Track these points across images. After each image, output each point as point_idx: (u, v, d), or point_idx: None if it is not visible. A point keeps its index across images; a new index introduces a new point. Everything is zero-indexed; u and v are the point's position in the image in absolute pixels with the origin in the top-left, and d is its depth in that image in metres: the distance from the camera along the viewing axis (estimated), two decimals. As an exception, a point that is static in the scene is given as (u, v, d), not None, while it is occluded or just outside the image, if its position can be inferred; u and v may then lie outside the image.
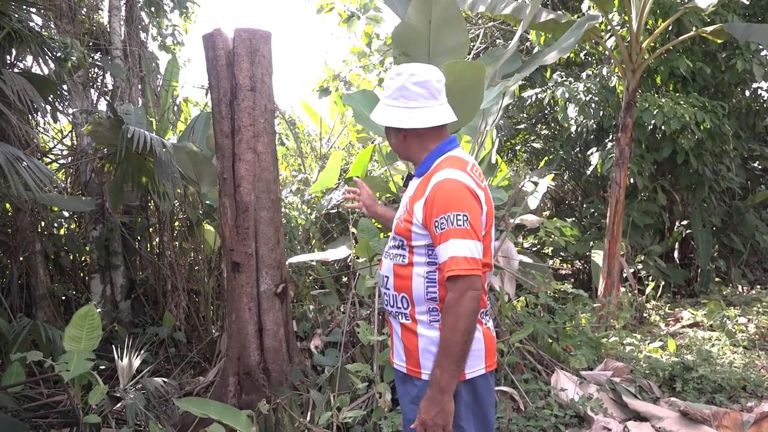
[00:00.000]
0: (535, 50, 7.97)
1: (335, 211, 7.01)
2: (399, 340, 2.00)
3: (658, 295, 7.72)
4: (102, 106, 6.28)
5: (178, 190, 5.16)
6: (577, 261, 9.38)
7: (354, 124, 7.06)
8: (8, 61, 4.91)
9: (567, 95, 7.56)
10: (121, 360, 3.87)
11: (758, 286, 8.14)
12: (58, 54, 4.71)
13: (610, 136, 8.31)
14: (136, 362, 3.97)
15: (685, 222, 8.62)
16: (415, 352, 1.92)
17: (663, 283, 7.85)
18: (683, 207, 8.65)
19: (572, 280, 9.09)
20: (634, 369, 4.46)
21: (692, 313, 6.65)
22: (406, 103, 1.92)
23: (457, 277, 1.75)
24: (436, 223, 1.80)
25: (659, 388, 4.32)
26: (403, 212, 1.96)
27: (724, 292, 7.76)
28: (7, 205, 5.33)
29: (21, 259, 5.30)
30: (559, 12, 6.63)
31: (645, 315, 6.89)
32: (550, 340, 4.60)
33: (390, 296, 1.99)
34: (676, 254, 8.93)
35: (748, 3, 7.48)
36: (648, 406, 3.81)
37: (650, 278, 7.72)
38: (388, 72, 2.01)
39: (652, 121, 6.98)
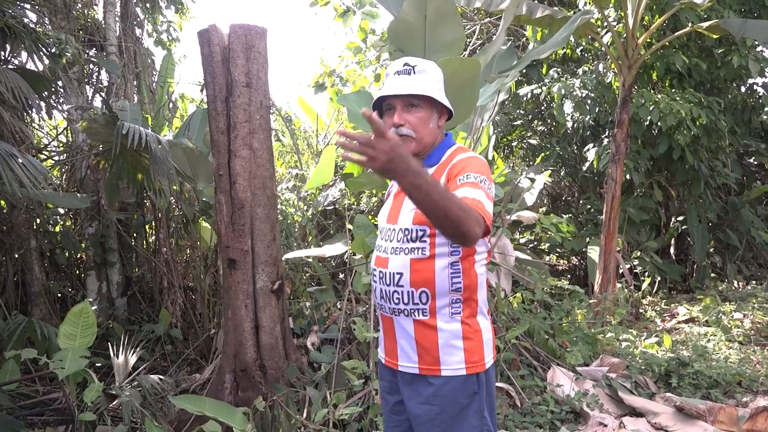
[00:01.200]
0: (530, 46, 7.97)
1: (332, 207, 7.00)
2: (411, 339, 1.89)
3: (654, 290, 7.75)
4: (97, 102, 6.25)
5: (174, 187, 5.15)
6: (574, 257, 9.40)
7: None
8: (2, 57, 4.89)
9: (563, 91, 7.56)
10: (117, 357, 3.86)
11: (754, 282, 8.17)
12: (53, 50, 4.69)
13: (606, 132, 8.32)
14: (132, 359, 3.96)
15: (681, 218, 8.64)
16: (432, 349, 1.85)
17: (659, 278, 7.87)
18: (679, 203, 8.66)
19: (568, 276, 9.10)
20: (630, 365, 4.47)
21: (688, 309, 6.67)
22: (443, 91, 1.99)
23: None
24: (464, 176, 1.75)
25: (655, 383, 4.33)
26: None
27: (719, 288, 7.79)
28: (2, 202, 5.30)
29: (16, 256, 5.28)
30: (555, 8, 6.61)
31: (641, 311, 6.91)
32: (547, 337, 4.61)
33: (403, 293, 1.87)
34: (672, 250, 8.95)
35: (743, -1, 7.49)
36: (644, 402, 3.83)
37: (646, 274, 7.73)
38: (426, 62, 1.94)
39: (648, 117, 6.98)
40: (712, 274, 8.55)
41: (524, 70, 8.69)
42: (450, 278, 1.83)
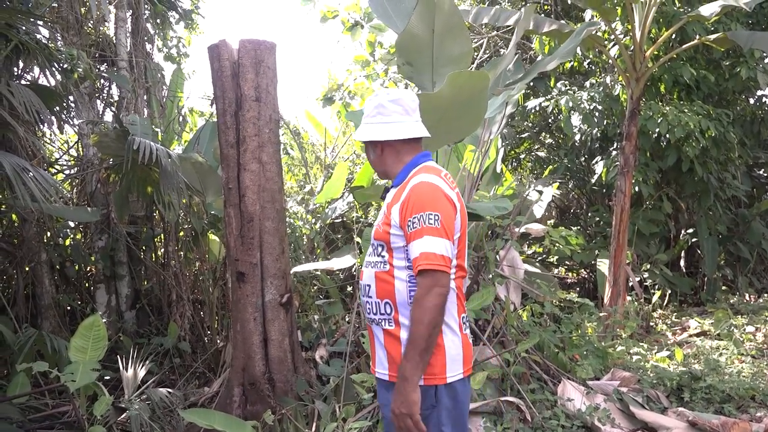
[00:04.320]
0: (538, 59, 7.99)
1: (340, 220, 7.01)
2: (382, 348, 2.05)
3: (664, 303, 7.68)
4: (108, 116, 6.32)
5: (183, 201, 5.18)
6: (583, 270, 9.34)
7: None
8: (15, 73, 4.95)
9: (571, 104, 7.56)
10: (126, 370, 3.87)
11: (765, 295, 8.07)
12: (65, 65, 4.75)
13: (615, 145, 8.30)
14: (141, 373, 3.96)
15: (690, 230, 8.58)
16: (398, 359, 1.96)
17: (669, 291, 7.80)
18: (689, 215, 8.61)
19: (578, 289, 9.05)
20: (642, 379, 4.42)
21: (699, 322, 6.61)
22: (382, 119, 2.07)
23: (427, 271, 1.84)
24: (410, 222, 1.90)
25: (667, 398, 4.28)
26: (382, 218, 2.05)
27: (731, 301, 7.71)
28: (14, 216, 5.35)
29: (27, 269, 5.32)
30: (562, 22, 6.64)
31: (651, 324, 6.85)
32: (557, 350, 4.57)
33: (372, 304, 2.05)
34: (682, 263, 8.88)
35: (751, 11, 7.49)
36: (656, 417, 3.79)
37: (656, 287, 7.67)
38: (366, 104, 2.16)
39: (657, 130, 6.96)
40: (723, 287, 8.47)
41: (532, 83, 8.71)
42: (408, 291, 1.97)
